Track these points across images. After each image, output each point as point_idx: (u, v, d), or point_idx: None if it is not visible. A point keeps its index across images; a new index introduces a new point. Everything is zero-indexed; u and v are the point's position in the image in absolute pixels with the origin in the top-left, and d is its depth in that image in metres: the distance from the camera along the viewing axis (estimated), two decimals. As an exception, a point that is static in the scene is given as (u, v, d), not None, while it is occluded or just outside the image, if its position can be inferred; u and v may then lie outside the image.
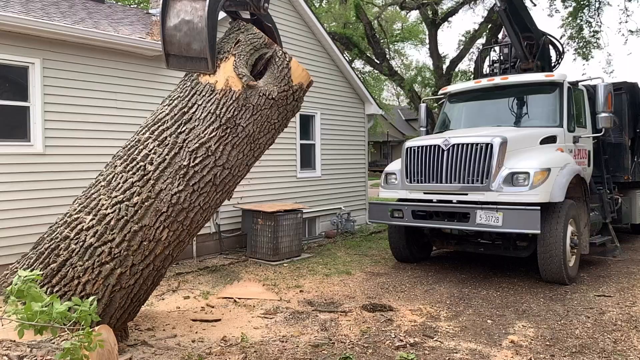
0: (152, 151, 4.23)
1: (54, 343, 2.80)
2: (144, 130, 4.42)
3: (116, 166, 4.30)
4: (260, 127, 4.50)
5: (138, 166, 4.19)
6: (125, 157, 4.32)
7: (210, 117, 4.29)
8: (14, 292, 2.67)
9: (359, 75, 14.92)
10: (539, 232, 6.08)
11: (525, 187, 6.23)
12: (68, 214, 4.23)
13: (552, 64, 8.85)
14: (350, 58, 20.52)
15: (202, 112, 4.32)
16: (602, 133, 7.69)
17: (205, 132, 4.26)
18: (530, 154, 6.64)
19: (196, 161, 4.21)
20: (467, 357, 4.19)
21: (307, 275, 7.26)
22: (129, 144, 4.43)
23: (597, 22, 16.83)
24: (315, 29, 10.96)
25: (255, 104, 4.40)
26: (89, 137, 7.28)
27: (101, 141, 7.41)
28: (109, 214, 4.06)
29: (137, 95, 7.89)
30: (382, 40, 21.64)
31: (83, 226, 4.05)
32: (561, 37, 16.94)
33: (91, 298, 2.90)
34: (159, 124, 4.38)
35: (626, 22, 20.58)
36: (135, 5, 20.06)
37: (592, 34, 16.95)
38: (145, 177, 4.14)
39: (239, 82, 4.36)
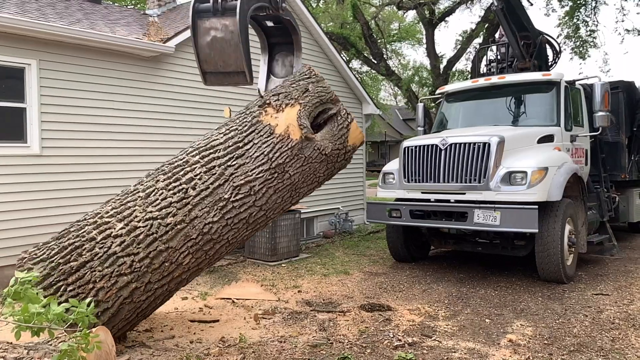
0: (198, 177, 4.24)
1: (51, 345, 2.79)
2: (194, 152, 4.43)
3: (158, 181, 4.30)
4: (305, 178, 4.52)
5: (180, 188, 4.21)
6: (169, 174, 4.33)
7: (262, 159, 4.30)
8: (10, 294, 2.65)
9: (357, 76, 14.93)
10: (536, 231, 6.09)
11: (523, 186, 6.24)
12: (99, 215, 4.22)
13: (549, 63, 8.87)
14: (347, 58, 20.52)
15: (255, 151, 4.33)
16: (599, 132, 7.71)
17: (254, 171, 4.28)
18: (528, 153, 6.64)
19: (237, 197, 4.23)
20: (465, 356, 4.19)
21: (305, 276, 7.26)
22: (176, 161, 4.43)
23: (594, 21, 16.89)
24: (312, 29, 10.96)
25: (308, 156, 4.42)
26: (86, 139, 7.26)
27: (98, 142, 7.40)
28: (140, 227, 4.06)
29: (134, 96, 7.87)
30: (379, 40, 21.63)
31: (112, 232, 4.06)
32: (558, 37, 16.97)
33: (88, 299, 2.89)
34: (211, 150, 4.38)
35: (622, 21, 20.67)
36: (132, 6, 20.03)
37: (588, 33, 16.99)
38: (184, 200, 4.15)
39: (298, 131, 4.37)
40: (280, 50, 5.31)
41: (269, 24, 5.19)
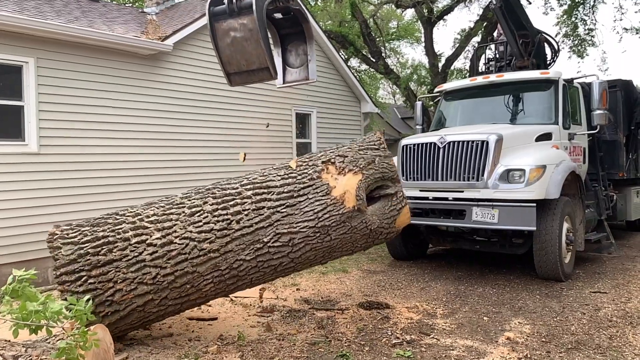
0: (245, 212, 4.26)
1: (49, 342, 2.79)
2: (249, 186, 4.44)
3: (206, 203, 4.32)
4: (343, 245, 4.52)
5: (225, 217, 4.22)
6: (219, 200, 4.34)
7: (311, 215, 4.31)
8: (8, 292, 2.65)
9: (355, 74, 14.93)
10: (534, 229, 6.10)
11: (521, 184, 6.24)
12: (139, 217, 4.24)
13: (548, 62, 8.87)
14: (346, 56, 20.48)
15: (307, 206, 4.34)
16: (597, 130, 7.72)
17: (299, 224, 4.29)
18: (526, 151, 6.65)
19: (275, 244, 4.25)
20: (463, 354, 4.20)
21: (303, 274, 7.26)
22: (229, 189, 4.44)
23: (592, 20, 16.89)
24: (310, 27, 10.95)
25: (354, 226, 4.42)
26: (84, 137, 7.26)
27: (96, 140, 7.40)
28: (175, 243, 4.09)
29: (132, 94, 7.87)
30: (377, 39, 21.60)
31: (147, 239, 4.08)
32: (556, 35, 16.98)
33: (87, 297, 2.89)
34: (265, 190, 4.40)
35: (621, 19, 20.70)
36: (130, 4, 19.98)
37: (587, 31, 16.99)
38: (225, 231, 4.17)
39: (353, 201, 4.37)
40: (291, 41, 5.31)
41: (277, 16, 5.19)
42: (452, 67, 19.75)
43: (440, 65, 19.14)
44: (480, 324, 5.01)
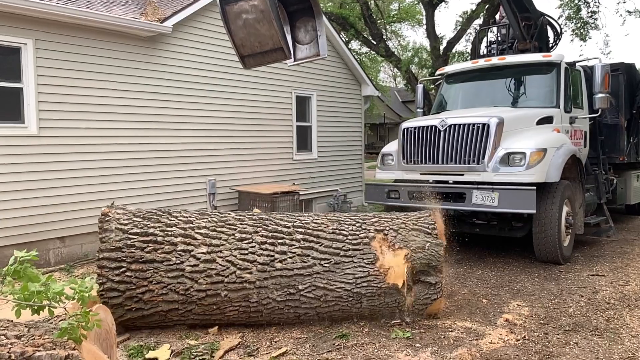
0: (290, 255, 4.27)
1: (51, 323, 2.81)
2: (301, 230, 4.44)
3: (257, 233, 4.36)
4: (367, 312, 4.47)
5: (270, 254, 4.25)
6: (269, 234, 4.37)
7: (350, 279, 4.29)
8: (10, 273, 2.66)
9: (356, 57, 14.82)
10: (534, 212, 6.10)
11: (522, 167, 6.24)
12: (191, 225, 4.28)
13: (550, 45, 8.79)
14: (346, 39, 20.31)
15: (349, 269, 4.32)
16: (598, 114, 7.69)
17: (336, 283, 4.27)
18: (527, 134, 6.63)
19: (308, 295, 4.25)
20: (462, 335, 4.24)
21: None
22: (282, 225, 4.45)
23: (595, 2, 16.67)
24: (311, 9, 10.82)
25: (385, 302, 4.39)
26: (84, 119, 7.23)
27: (96, 122, 7.37)
28: (217, 262, 4.14)
29: (131, 77, 7.82)
30: (378, 21, 21.38)
31: (192, 250, 4.14)
32: (559, 18, 16.78)
33: (88, 278, 2.90)
34: (314, 239, 4.40)
35: (624, 2, 20.37)
36: (129, -15, 19.72)
37: (590, 14, 16.79)
38: (266, 267, 4.20)
39: (394, 279, 4.32)
40: (299, 17, 5.25)
41: None
42: (453, 50, 19.58)
43: (441, 48, 18.97)
44: (479, 306, 5.05)
